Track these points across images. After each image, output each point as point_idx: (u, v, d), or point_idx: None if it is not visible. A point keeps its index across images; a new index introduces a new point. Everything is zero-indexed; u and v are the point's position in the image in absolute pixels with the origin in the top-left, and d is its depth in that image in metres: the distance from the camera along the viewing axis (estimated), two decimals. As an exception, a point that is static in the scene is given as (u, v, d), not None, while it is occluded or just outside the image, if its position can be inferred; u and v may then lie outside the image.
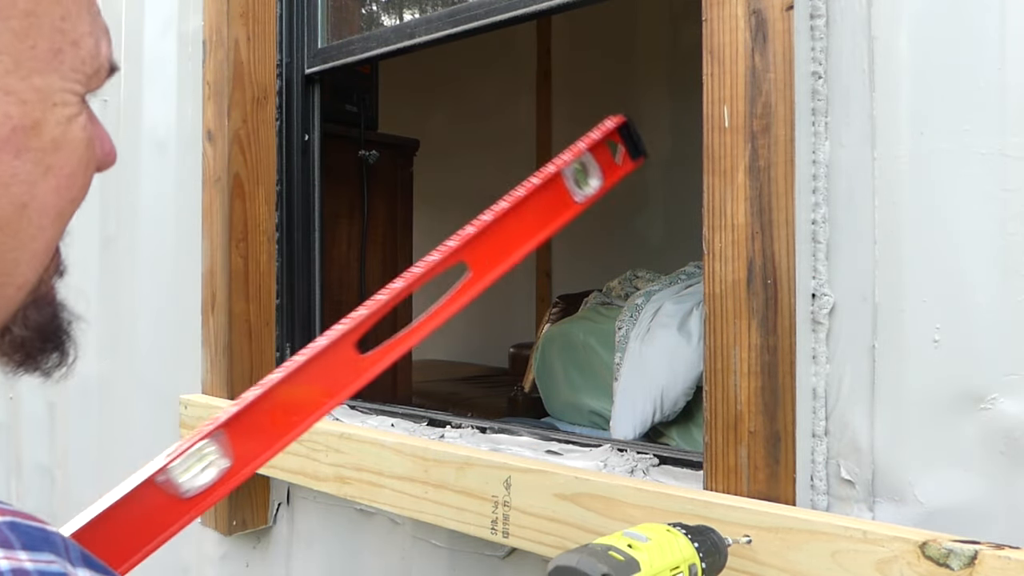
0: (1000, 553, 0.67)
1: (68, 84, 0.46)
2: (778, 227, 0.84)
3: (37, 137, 0.44)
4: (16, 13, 0.42)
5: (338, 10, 1.58)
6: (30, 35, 0.43)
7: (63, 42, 0.45)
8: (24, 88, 0.43)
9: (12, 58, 0.42)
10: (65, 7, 0.45)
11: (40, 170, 0.45)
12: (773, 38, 0.84)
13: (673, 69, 3.52)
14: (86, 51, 0.47)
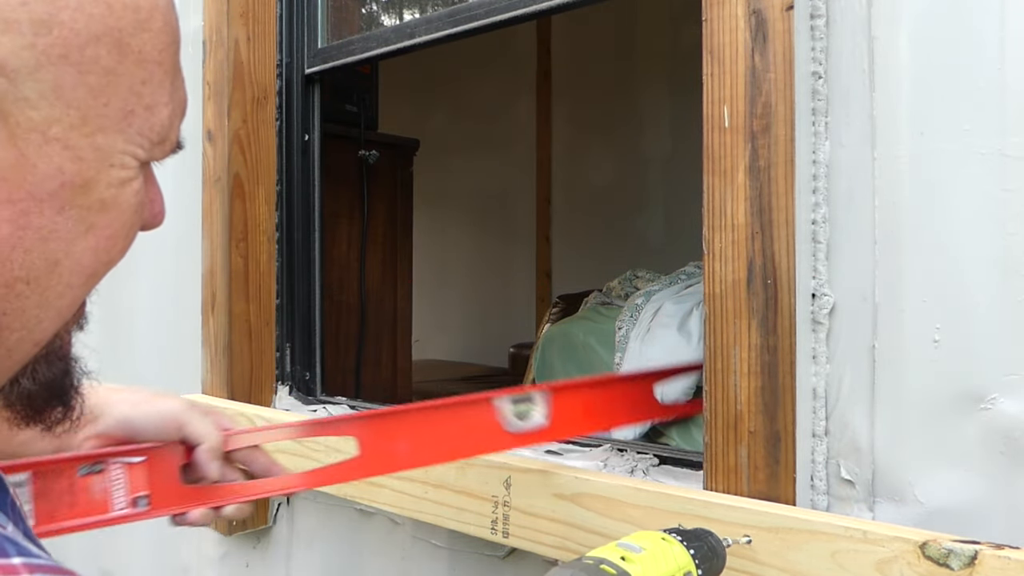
0: (1000, 553, 0.67)
1: (131, 148, 0.45)
2: (778, 227, 0.84)
3: (85, 195, 0.43)
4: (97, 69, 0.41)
5: (338, 10, 1.58)
6: (105, 93, 0.42)
7: (137, 105, 0.44)
8: (85, 145, 0.42)
9: (81, 113, 0.41)
10: (149, 71, 0.44)
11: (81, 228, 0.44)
12: (773, 38, 0.84)
13: (673, 69, 3.52)
14: (158, 119, 0.46)
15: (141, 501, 0.72)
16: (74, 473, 0.68)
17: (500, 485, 1.00)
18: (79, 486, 0.68)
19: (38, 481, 0.66)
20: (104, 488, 0.69)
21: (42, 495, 0.66)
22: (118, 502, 0.70)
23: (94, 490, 0.69)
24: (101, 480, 0.69)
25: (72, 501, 0.68)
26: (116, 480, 0.70)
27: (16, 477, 0.65)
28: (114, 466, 0.70)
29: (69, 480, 0.68)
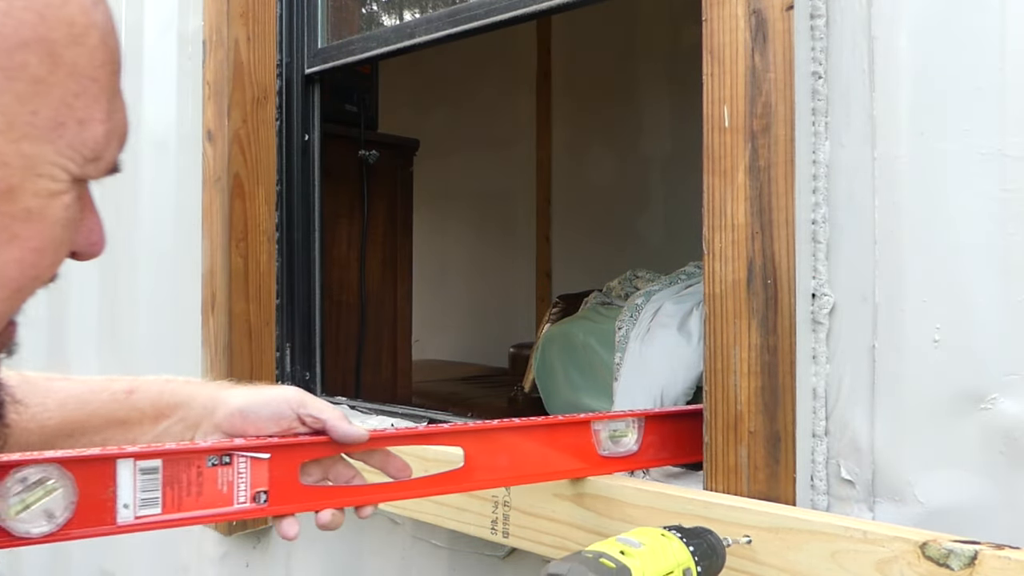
0: (1000, 553, 0.67)
1: (61, 160, 0.44)
2: (778, 227, 0.84)
3: (10, 203, 0.43)
4: (24, 76, 0.41)
5: (338, 10, 1.58)
6: (33, 101, 0.42)
7: (69, 118, 0.44)
8: (10, 151, 0.42)
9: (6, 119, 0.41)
10: (82, 85, 0.44)
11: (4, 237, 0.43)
12: (773, 38, 0.84)
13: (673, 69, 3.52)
14: (91, 135, 0.45)
15: (261, 496, 0.73)
16: (203, 463, 0.70)
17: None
18: (206, 476, 0.70)
19: (168, 468, 0.68)
20: (229, 481, 0.71)
21: (171, 483, 0.68)
22: (240, 496, 0.72)
23: (220, 482, 0.71)
24: (227, 472, 0.71)
25: (199, 491, 0.70)
26: (241, 474, 0.72)
27: (149, 463, 0.67)
28: (240, 460, 0.72)
29: (198, 470, 0.70)
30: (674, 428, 0.97)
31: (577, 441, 0.91)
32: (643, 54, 3.68)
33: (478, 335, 4.21)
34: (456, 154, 4.10)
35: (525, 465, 0.88)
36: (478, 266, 4.35)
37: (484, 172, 4.23)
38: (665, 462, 0.97)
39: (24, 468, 0.62)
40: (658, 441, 0.96)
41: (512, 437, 0.87)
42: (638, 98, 3.70)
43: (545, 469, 0.90)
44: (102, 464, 0.65)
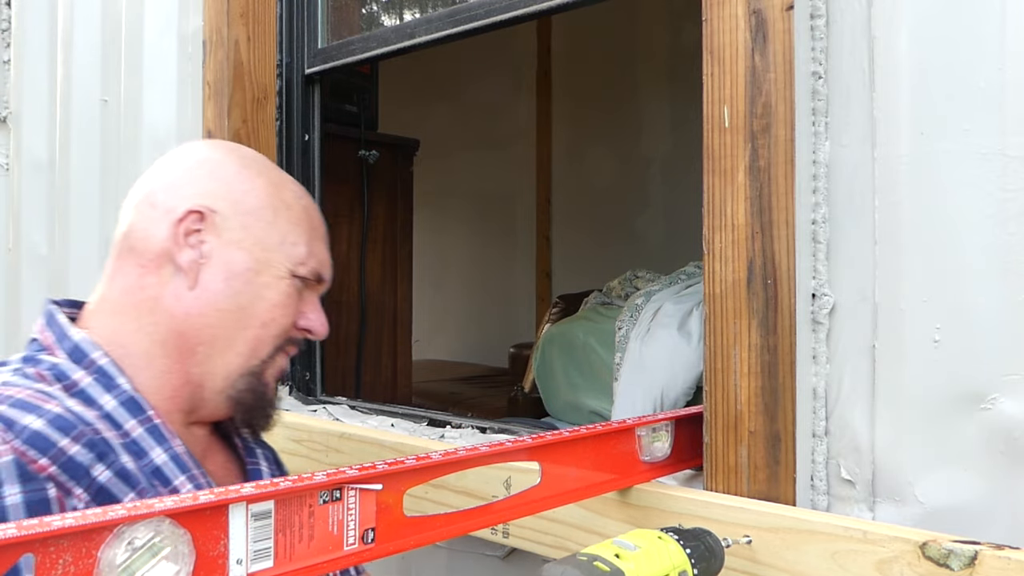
0: (1000, 553, 0.67)
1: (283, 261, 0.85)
2: (778, 227, 0.84)
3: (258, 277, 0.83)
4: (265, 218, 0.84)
5: (338, 10, 1.58)
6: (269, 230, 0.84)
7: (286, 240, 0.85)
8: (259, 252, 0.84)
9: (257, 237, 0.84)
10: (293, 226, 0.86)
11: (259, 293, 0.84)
12: (773, 38, 0.84)
13: (673, 69, 3.52)
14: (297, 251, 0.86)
15: (369, 535, 0.66)
16: (315, 501, 0.63)
17: (500, 486, 1.00)
18: (318, 517, 0.63)
19: (281, 511, 0.61)
20: (339, 520, 0.64)
21: (283, 528, 0.61)
22: (349, 537, 0.65)
23: (331, 522, 0.64)
24: (337, 510, 0.64)
25: (311, 535, 0.62)
26: (351, 510, 0.65)
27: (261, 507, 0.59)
28: (350, 494, 0.65)
29: (310, 509, 0.62)
30: (696, 431, 0.96)
31: (623, 448, 0.89)
32: (643, 54, 3.68)
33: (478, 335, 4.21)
34: (456, 154, 4.10)
35: (585, 477, 0.85)
36: (478, 266, 4.35)
37: (484, 172, 4.23)
38: (688, 464, 0.96)
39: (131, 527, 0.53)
40: (684, 444, 0.95)
41: (580, 448, 0.84)
42: (638, 98, 3.70)
43: (597, 480, 0.86)
44: (215, 514, 0.57)
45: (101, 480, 0.71)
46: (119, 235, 0.86)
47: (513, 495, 0.80)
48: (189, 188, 0.83)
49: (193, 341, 0.81)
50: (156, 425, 0.78)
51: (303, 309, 0.87)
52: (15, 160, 2.21)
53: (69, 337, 0.79)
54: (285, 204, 0.86)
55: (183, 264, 0.81)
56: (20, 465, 0.66)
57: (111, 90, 1.87)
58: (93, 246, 1.92)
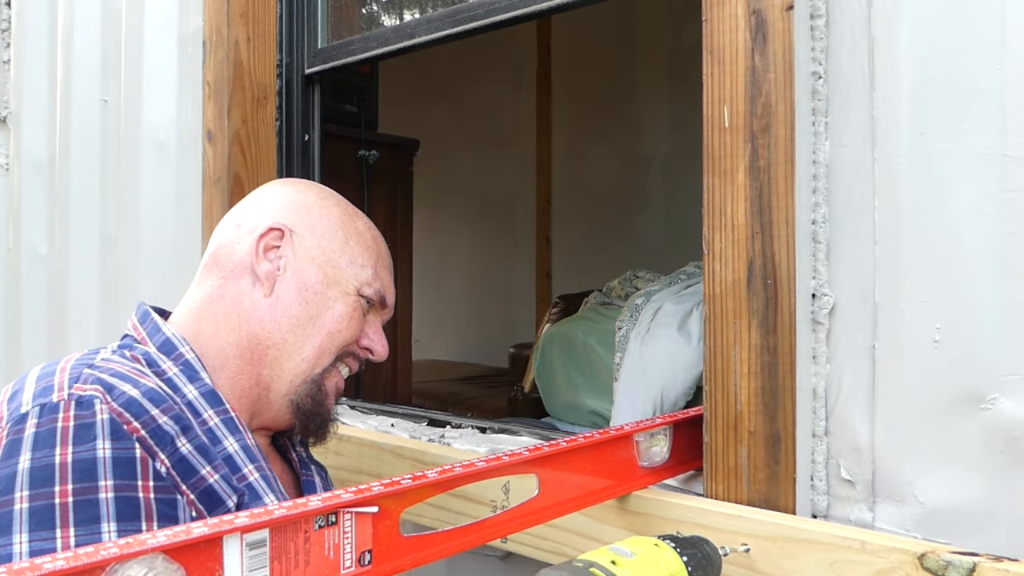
0: (999, 565, 0.66)
1: (352, 279, 0.93)
2: (778, 227, 0.84)
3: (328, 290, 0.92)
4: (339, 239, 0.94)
5: (338, 10, 1.58)
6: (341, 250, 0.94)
7: (355, 262, 0.94)
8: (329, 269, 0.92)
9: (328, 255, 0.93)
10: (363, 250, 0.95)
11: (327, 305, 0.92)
12: (773, 38, 0.84)
13: (673, 69, 3.52)
14: (365, 272, 0.94)
15: (366, 557, 0.66)
16: (310, 527, 0.63)
17: (499, 490, 1.00)
18: (313, 542, 0.63)
19: (276, 539, 0.60)
20: (335, 544, 0.64)
21: (278, 555, 0.60)
22: (346, 560, 0.65)
23: (327, 546, 0.63)
24: (333, 534, 0.64)
25: (307, 560, 0.62)
26: (347, 533, 0.65)
27: (255, 536, 0.59)
28: (346, 518, 0.65)
29: (305, 535, 0.62)
30: (695, 433, 0.95)
31: (621, 455, 0.89)
32: (643, 54, 3.68)
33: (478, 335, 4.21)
34: (456, 154, 4.10)
35: (583, 486, 0.85)
36: (478, 266, 4.35)
37: (484, 172, 4.23)
38: (687, 467, 0.96)
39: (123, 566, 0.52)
40: (682, 447, 0.95)
41: (578, 458, 0.84)
42: (638, 98, 3.70)
43: (595, 488, 0.86)
44: (208, 546, 0.56)
45: (183, 451, 0.78)
46: (206, 255, 0.96)
47: (511, 508, 0.80)
48: (271, 211, 0.94)
49: (265, 343, 0.90)
50: (231, 417, 0.85)
51: (366, 330, 0.95)
52: (15, 160, 2.21)
53: (161, 332, 0.89)
54: (356, 231, 0.96)
55: (261, 274, 0.91)
56: (115, 424, 0.74)
57: (111, 90, 1.87)
58: (93, 246, 1.92)
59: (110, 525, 0.70)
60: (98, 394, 0.75)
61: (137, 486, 0.73)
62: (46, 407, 0.74)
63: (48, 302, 2.08)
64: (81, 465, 0.71)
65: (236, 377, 0.89)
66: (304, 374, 0.91)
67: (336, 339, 0.92)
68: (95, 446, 0.72)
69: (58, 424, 0.73)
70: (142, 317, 0.92)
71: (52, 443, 0.71)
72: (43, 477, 0.70)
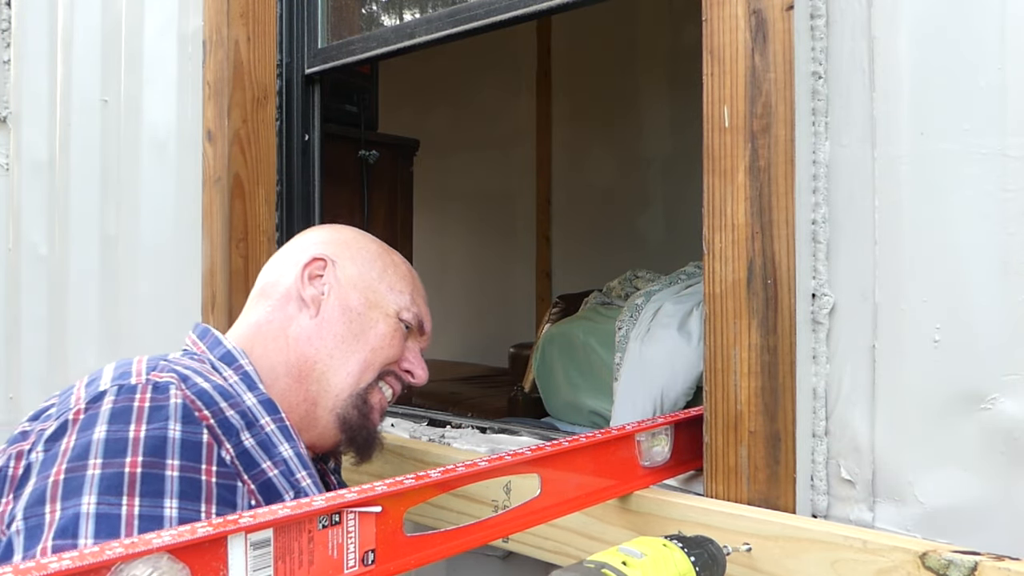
0: (1000, 564, 0.66)
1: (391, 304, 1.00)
2: (778, 227, 0.84)
3: (370, 312, 0.98)
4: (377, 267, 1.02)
5: (338, 10, 1.58)
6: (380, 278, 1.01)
7: (394, 289, 1.01)
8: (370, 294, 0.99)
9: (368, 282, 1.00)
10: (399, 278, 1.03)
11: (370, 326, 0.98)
12: (773, 38, 0.84)
13: (673, 69, 3.52)
14: (402, 298, 1.01)
15: (369, 557, 0.66)
16: (314, 527, 0.63)
17: (500, 490, 1.00)
18: (317, 542, 0.63)
19: (280, 539, 0.61)
20: (339, 543, 0.65)
21: (283, 555, 0.61)
22: (350, 559, 0.65)
23: (330, 546, 0.64)
24: (336, 534, 0.65)
25: (311, 560, 0.63)
26: (350, 533, 0.66)
27: (259, 535, 0.60)
28: (349, 517, 0.65)
29: (309, 535, 0.63)
30: (695, 433, 0.96)
31: (623, 455, 0.89)
32: (643, 54, 3.68)
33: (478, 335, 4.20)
34: (456, 154, 4.10)
35: (585, 486, 0.85)
36: (478, 266, 4.35)
37: (484, 172, 4.23)
38: (688, 467, 0.96)
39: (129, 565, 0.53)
40: (683, 447, 0.95)
41: (580, 458, 0.84)
42: (638, 98, 3.70)
43: (597, 487, 0.86)
44: (213, 546, 0.57)
45: (246, 444, 0.83)
46: (252, 292, 1.03)
47: (513, 508, 0.80)
48: (313, 246, 1.02)
49: (312, 359, 0.96)
50: (286, 425, 0.89)
51: (406, 354, 1.02)
52: (15, 160, 2.21)
53: (222, 345, 0.95)
54: (392, 262, 1.04)
55: (307, 298, 0.98)
56: (187, 409, 0.79)
57: (111, 90, 1.87)
58: (93, 246, 1.92)
59: (171, 501, 0.75)
60: (173, 381, 0.81)
61: (201, 469, 0.78)
62: (124, 387, 0.80)
63: (48, 302, 2.08)
64: (152, 442, 0.76)
65: (285, 393, 0.95)
66: (350, 387, 0.96)
67: (379, 355, 0.98)
68: (166, 426, 0.77)
69: (134, 404, 0.78)
70: (201, 333, 0.98)
71: (128, 420, 0.77)
72: (116, 448, 0.75)
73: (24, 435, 0.81)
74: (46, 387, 2.08)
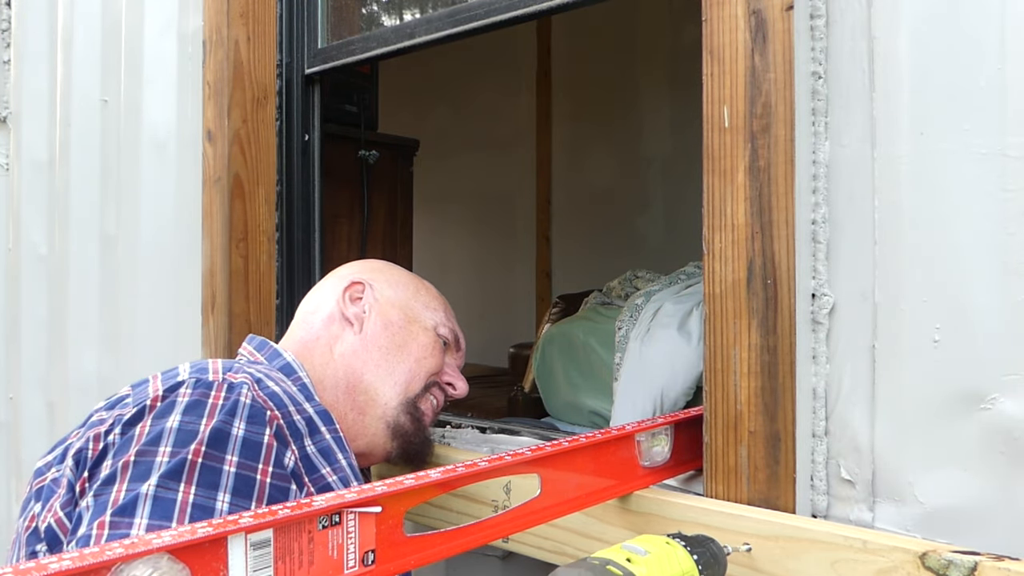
0: (1000, 564, 0.66)
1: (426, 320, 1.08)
2: (778, 227, 0.84)
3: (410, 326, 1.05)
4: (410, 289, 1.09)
5: (338, 10, 1.58)
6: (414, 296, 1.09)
7: (427, 307, 1.08)
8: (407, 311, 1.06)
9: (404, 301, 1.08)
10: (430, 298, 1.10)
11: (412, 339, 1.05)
12: (773, 38, 0.84)
13: (673, 69, 3.52)
14: (437, 315, 1.08)
15: (369, 557, 0.66)
16: (314, 527, 0.63)
17: (500, 490, 1.00)
18: (317, 542, 0.63)
19: (280, 539, 0.61)
20: (339, 544, 0.65)
21: (283, 555, 0.61)
22: (350, 560, 0.65)
23: (330, 546, 0.64)
24: (336, 534, 0.65)
25: (311, 560, 0.63)
26: (350, 533, 0.66)
27: (260, 536, 0.60)
28: (349, 518, 0.65)
29: (309, 536, 0.63)
30: (695, 433, 0.96)
31: (623, 455, 0.89)
32: (643, 54, 3.68)
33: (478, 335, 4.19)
34: (456, 154, 4.10)
35: (585, 486, 0.85)
36: (478, 266, 4.35)
37: (484, 172, 4.23)
38: (688, 467, 0.96)
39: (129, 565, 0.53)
40: (683, 446, 0.95)
41: (580, 458, 0.84)
42: (638, 98, 3.70)
43: (597, 487, 0.86)
44: (213, 546, 0.57)
45: (309, 450, 0.88)
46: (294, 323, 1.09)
47: (513, 508, 0.80)
48: (350, 273, 1.09)
49: (360, 371, 1.01)
50: (341, 437, 0.93)
51: (445, 368, 1.08)
52: (15, 160, 2.21)
53: (282, 357, 1.00)
54: (425, 286, 1.12)
55: (350, 316, 1.04)
56: (255, 409, 0.84)
57: (111, 90, 1.87)
58: (93, 246, 1.92)
59: (225, 495, 0.79)
60: (247, 382, 0.86)
61: (257, 468, 0.82)
62: (201, 382, 0.85)
63: (48, 302, 2.08)
64: (215, 435, 0.81)
65: (335, 405, 1.00)
66: (399, 396, 1.02)
67: (424, 365, 1.04)
68: (231, 423, 0.82)
69: (209, 400, 0.83)
70: (259, 345, 1.03)
71: (200, 414, 0.82)
72: (185, 439, 0.80)
73: (101, 421, 0.85)
74: (46, 387, 2.08)
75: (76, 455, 0.84)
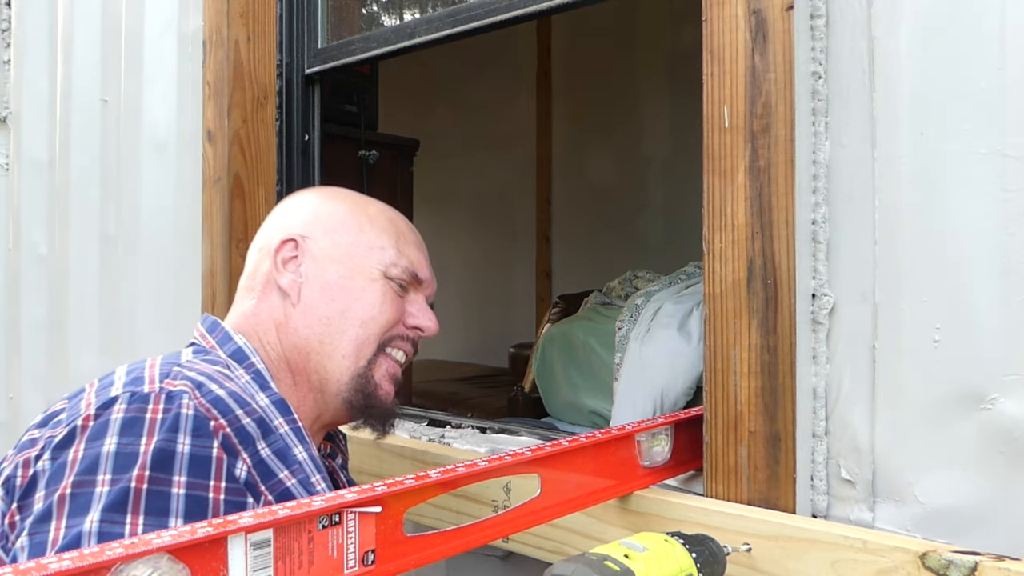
0: (1000, 564, 0.66)
1: (374, 265, 0.94)
2: (778, 227, 0.84)
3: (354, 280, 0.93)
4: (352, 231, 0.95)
5: (338, 10, 1.58)
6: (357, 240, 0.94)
7: (374, 246, 0.94)
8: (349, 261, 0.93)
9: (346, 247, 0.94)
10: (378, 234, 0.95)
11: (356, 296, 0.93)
12: (773, 38, 0.84)
13: (673, 69, 3.52)
14: (387, 255, 0.95)
15: (369, 557, 0.66)
16: (314, 527, 0.63)
17: (500, 490, 1.00)
18: (317, 542, 0.63)
19: (280, 539, 0.61)
20: (339, 544, 0.64)
21: (283, 555, 0.61)
22: (350, 560, 0.65)
23: (330, 546, 0.64)
24: (336, 534, 0.64)
25: (311, 560, 0.62)
26: (350, 533, 0.65)
27: (260, 536, 0.59)
28: (349, 518, 0.65)
29: (309, 535, 0.62)
30: (695, 433, 0.95)
31: (623, 455, 0.89)
32: (643, 54, 3.68)
33: (478, 335, 4.20)
34: (456, 154, 4.10)
35: (585, 485, 0.85)
36: (478, 266, 4.35)
37: (484, 172, 4.23)
38: (688, 467, 0.96)
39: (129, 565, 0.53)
40: (683, 446, 0.95)
41: (580, 458, 0.84)
42: (638, 98, 3.70)
43: (597, 487, 0.86)
44: (213, 546, 0.57)
45: (263, 454, 0.80)
46: (242, 279, 0.99)
47: (513, 508, 0.80)
48: (282, 225, 0.97)
49: (306, 350, 0.92)
50: (299, 427, 0.86)
51: (408, 309, 0.96)
52: (15, 160, 2.21)
53: (233, 341, 0.91)
54: (368, 217, 0.97)
55: (285, 287, 0.93)
56: (198, 420, 0.76)
57: (111, 90, 1.87)
58: (93, 246, 1.92)
59: (177, 520, 0.72)
60: (187, 390, 0.77)
61: (208, 485, 0.75)
62: (136, 395, 0.77)
63: (48, 302, 2.08)
64: (158, 455, 0.73)
65: (291, 389, 0.93)
66: (349, 370, 0.92)
67: (372, 327, 0.93)
68: (175, 439, 0.74)
69: (147, 415, 0.75)
70: (211, 327, 0.94)
71: (139, 432, 0.74)
72: (125, 463, 0.72)
73: (32, 442, 0.78)
74: (46, 387, 2.08)
75: (5, 483, 0.76)
